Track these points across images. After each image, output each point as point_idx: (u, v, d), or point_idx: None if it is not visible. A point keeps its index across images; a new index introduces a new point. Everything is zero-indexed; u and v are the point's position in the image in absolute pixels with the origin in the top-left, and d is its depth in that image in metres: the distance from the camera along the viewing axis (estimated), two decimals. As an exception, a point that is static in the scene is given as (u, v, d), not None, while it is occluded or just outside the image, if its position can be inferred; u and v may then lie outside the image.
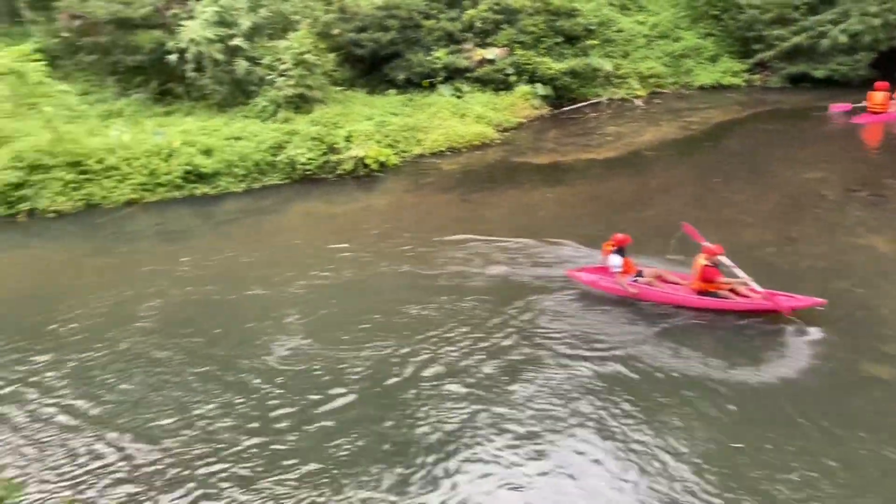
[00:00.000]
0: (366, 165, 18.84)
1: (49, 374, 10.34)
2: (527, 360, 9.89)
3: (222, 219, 17.07)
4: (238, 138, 19.05)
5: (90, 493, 7.92)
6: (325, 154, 19.03)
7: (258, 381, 9.79)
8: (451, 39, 23.71)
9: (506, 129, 21.91)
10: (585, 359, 9.79)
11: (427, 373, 9.72)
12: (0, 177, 17.00)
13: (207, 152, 18.45)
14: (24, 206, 17.03)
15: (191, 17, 20.70)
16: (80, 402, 9.57)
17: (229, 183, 18.33)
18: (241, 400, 9.40)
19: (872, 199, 14.79)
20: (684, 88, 25.54)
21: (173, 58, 20.38)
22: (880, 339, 9.72)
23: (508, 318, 10.94)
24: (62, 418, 9.28)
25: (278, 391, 9.53)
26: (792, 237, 13.23)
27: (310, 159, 18.80)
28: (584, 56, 24.71)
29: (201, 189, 18.10)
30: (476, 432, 8.44)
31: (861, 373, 9.06)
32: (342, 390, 9.44)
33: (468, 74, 23.36)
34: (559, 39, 24.56)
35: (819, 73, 24.03)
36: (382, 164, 19.03)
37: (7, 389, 10.01)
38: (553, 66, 23.72)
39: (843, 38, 22.77)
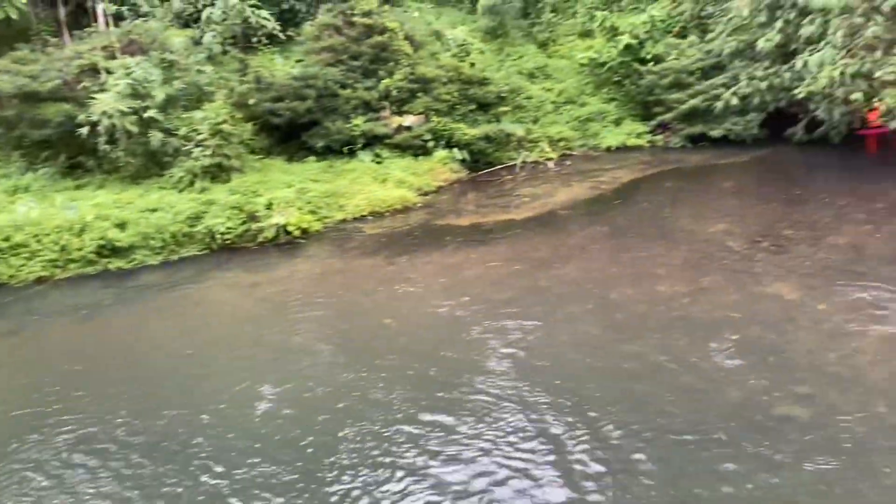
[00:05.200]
0: (288, 232, 18.79)
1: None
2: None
3: (138, 292, 16.58)
4: (154, 210, 18.69)
5: None
6: (245, 223, 18.89)
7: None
8: (368, 107, 24.18)
9: (426, 193, 22.34)
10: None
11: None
12: None
13: (122, 225, 17.99)
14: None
15: (103, 90, 20.41)
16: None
17: (145, 256, 17.88)
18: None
19: (774, 248, 15.76)
20: (592, 150, 26.74)
21: (84, 130, 19.96)
22: (793, 382, 10.24)
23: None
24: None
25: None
26: (703, 288, 13.90)
27: (229, 228, 18.61)
28: (496, 122, 25.65)
29: (116, 263, 17.57)
30: None
31: (775, 415, 9.49)
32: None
33: (387, 141, 23.81)
34: (473, 106, 25.48)
35: (715, 132, 25.65)
36: (305, 231, 19.02)
37: None
38: (468, 131, 24.49)
39: (735, 101, 24.44)
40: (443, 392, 10.66)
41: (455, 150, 24.33)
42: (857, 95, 20.44)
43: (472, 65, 26.57)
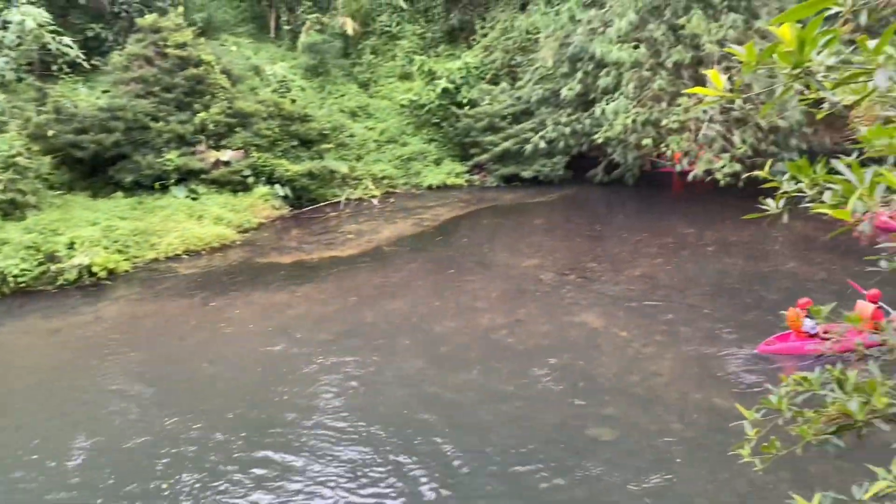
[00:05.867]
0: (92, 274, 17.42)
1: None
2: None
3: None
4: (-68, 251, 16.63)
5: None
6: (42, 264, 17.29)
7: None
8: (182, 141, 23.18)
9: (247, 230, 21.72)
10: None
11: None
12: None
13: None
14: None
15: None
16: None
17: (-80, 302, 15.81)
18: None
19: (580, 280, 16.99)
20: (415, 189, 27.43)
21: None
22: (601, 405, 11.07)
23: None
24: None
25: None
26: (519, 319, 14.67)
27: (24, 270, 16.95)
28: (320, 159, 25.60)
29: None
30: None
31: (588, 436, 10.20)
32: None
33: (203, 176, 22.90)
34: (295, 143, 25.29)
35: (526, 173, 27.32)
36: (111, 272, 17.74)
37: None
38: (291, 167, 24.21)
39: (542, 144, 26.26)
40: (268, 436, 10.35)
41: (277, 186, 23.93)
42: (647, 141, 22.75)
43: (294, 101, 26.44)
